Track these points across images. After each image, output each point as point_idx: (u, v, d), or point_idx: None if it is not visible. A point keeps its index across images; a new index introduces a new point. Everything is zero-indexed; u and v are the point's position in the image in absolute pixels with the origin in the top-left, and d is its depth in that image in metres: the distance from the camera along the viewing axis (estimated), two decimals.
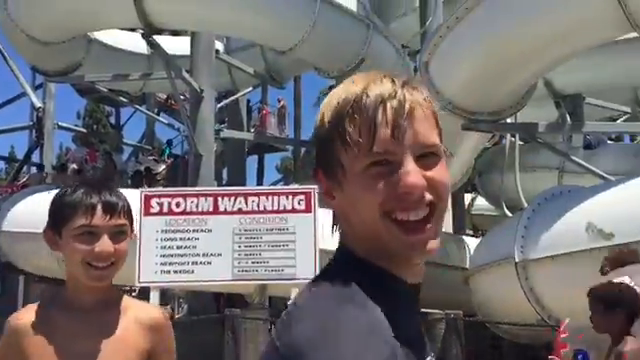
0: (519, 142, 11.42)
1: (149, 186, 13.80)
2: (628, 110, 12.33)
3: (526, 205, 7.81)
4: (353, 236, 0.96)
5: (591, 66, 10.47)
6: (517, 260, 5.97)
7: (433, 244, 0.93)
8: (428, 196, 0.92)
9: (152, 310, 1.76)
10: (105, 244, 1.59)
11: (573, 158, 8.59)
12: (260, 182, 20.49)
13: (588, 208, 5.89)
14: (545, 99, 10.39)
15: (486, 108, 7.62)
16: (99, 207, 1.59)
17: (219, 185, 14.09)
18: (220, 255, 6.65)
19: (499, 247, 6.32)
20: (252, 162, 20.24)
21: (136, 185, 13.76)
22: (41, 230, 1.68)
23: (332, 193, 0.97)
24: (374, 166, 0.92)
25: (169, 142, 20.02)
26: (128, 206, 1.66)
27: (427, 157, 0.93)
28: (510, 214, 10.59)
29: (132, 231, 1.70)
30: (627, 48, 9.27)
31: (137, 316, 1.67)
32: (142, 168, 15.65)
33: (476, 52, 7.05)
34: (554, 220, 5.97)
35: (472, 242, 10.28)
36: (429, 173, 0.93)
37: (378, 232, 0.92)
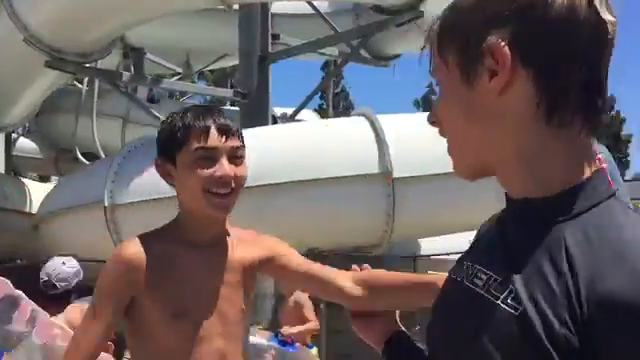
0: (84, 87, 11.39)
1: None
2: (181, 70, 13.57)
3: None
4: None
5: (151, 24, 11.08)
6: (106, 204, 6.17)
7: None
8: None
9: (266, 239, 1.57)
10: (225, 167, 1.40)
11: (152, 111, 8.97)
12: None
13: None
14: None
15: (73, 49, 7.45)
16: (213, 128, 1.41)
17: None
18: None
19: (87, 191, 6.36)
20: None
21: None
22: None
23: None
24: None
25: None
26: (240, 130, 1.49)
27: None
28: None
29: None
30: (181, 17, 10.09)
31: (246, 248, 1.50)
32: None
33: None
34: (143, 168, 6.33)
35: (33, 185, 9.81)
36: None
37: None
